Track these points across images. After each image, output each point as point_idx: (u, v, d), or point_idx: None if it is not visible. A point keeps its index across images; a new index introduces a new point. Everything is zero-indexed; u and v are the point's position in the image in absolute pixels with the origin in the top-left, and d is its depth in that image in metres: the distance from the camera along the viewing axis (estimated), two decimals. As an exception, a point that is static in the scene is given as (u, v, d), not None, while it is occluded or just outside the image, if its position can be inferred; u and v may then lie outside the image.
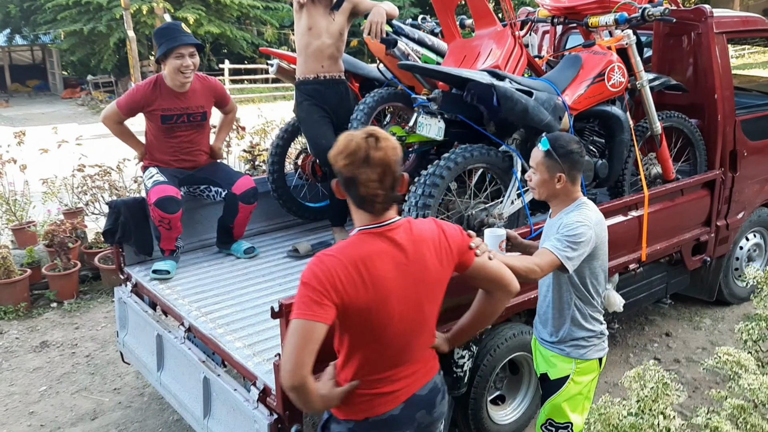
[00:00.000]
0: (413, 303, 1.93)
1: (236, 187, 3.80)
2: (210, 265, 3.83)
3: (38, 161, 5.98)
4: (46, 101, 25.59)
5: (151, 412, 3.76)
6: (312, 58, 3.83)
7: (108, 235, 3.74)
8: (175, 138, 3.86)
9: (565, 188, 2.47)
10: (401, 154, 1.87)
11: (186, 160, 3.93)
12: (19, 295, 5.02)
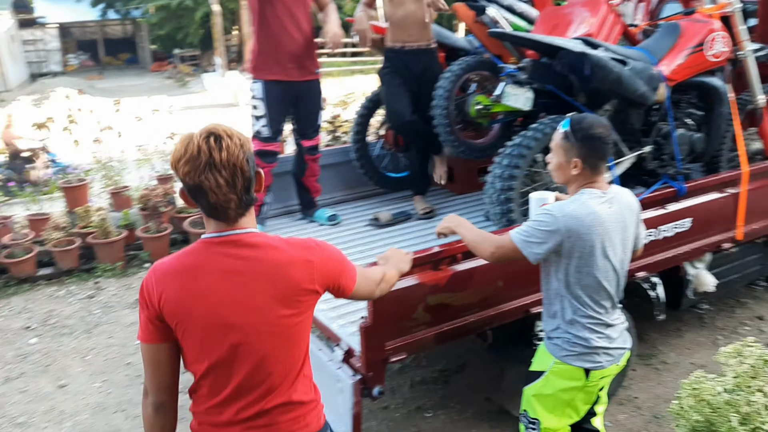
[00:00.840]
0: (251, 328, 1.61)
1: (308, 141, 3.94)
2: (294, 230, 3.94)
3: (133, 129, 6.26)
4: (135, 74, 26.69)
5: (237, 369, 3.91)
6: (398, 26, 3.83)
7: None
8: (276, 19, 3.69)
9: (583, 176, 2.20)
10: (251, 149, 1.61)
11: (291, 60, 3.74)
12: (116, 254, 5.33)
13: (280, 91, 3.77)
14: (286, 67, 3.73)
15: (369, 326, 2.48)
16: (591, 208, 2.14)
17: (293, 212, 4.17)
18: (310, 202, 4.07)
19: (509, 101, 3.34)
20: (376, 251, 3.55)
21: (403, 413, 3.43)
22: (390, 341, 2.56)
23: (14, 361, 4.09)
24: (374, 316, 2.48)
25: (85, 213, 5.47)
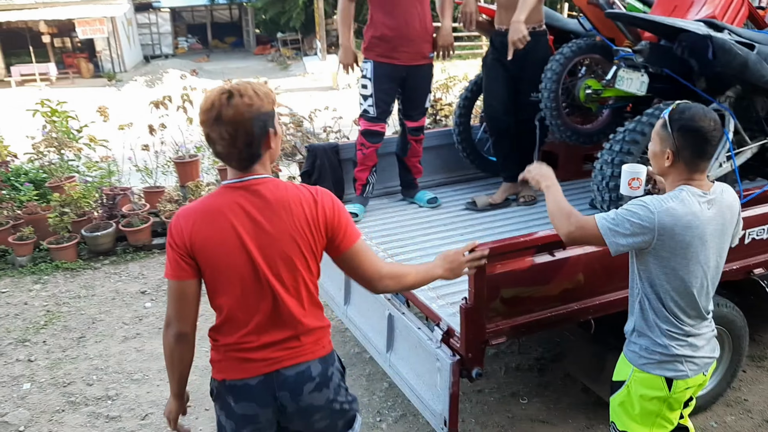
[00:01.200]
0: (271, 261, 1.80)
1: (412, 122, 3.98)
2: (394, 211, 4.00)
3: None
4: (240, 57, 27.67)
5: (335, 343, 4.00)
6: (506, 8, 3.77)
7: (305, 176, 4.02)
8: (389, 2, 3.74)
9: (677, 170, 2.03)
10: (263, 109, 1.73)
11: (402, 44, 3.77)
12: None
13: (388, 73, 3.83)
14: (395, 50, 3.78)
15: (470, 308, 2.49)
16: (690, 208, 1.98)
17: (393, 193, 4.22)
18: (411, 183, 4.11)
19: (622, 85, 3.24)
20: (473, 236, 3.55)
21: (497, 398, 3.43)
22: (491, 324, 2.57)
23: (131, 322, 4.39)
24: (476, 298, 2.48)
25: (196, 187, 5.77)
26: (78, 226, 5.40)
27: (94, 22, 21.36)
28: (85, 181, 6.07)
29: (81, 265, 5.28)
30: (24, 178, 6.02)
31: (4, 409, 3.50)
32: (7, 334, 4.29)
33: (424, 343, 2.76)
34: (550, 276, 2.66)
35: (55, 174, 6.14)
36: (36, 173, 6.13)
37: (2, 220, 5.46)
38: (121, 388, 3.65)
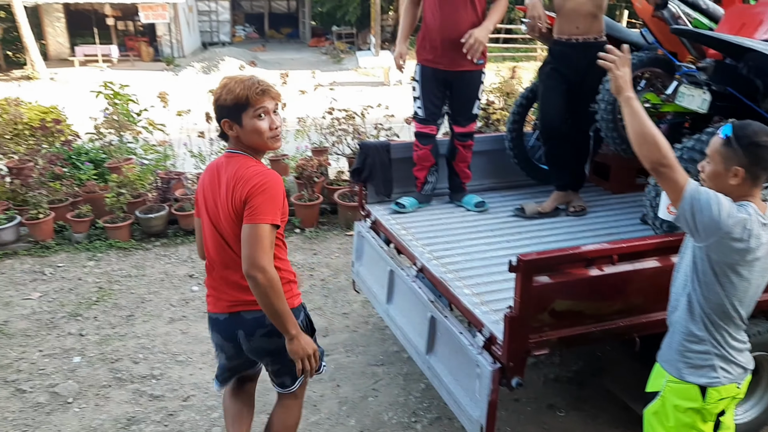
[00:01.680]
0: (215, 217, 2.32)
1: (460, 128, 3.98)
2: (442, 213, 4.01)
3: (295, 101, 6.59)
4: (294, 48, 27.94)
5: (374, 340, 4.08)
6: (567, 18, 3.73)
7: (355, 174, 4.06)
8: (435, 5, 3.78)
9: (742, 187, 2.01)
10: (220, 102, 2.27)
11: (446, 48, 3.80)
12: (270, 218, 5.68)
13: (432, 77, 3.91)
14: (439, 54, 3.83)
15: (515, 317, 2.49)
16: (756, 224, 1.96)
17: (442, 195, 4.23)
18: (458, 187, 4.12)
19: (683, 101, 3.18)
20: (519, 243, 3.54)
21: (534, 408, 3.42)
22: (534, 334, 2.56)
23: (178, 304, 4.52)
24: (521, 308, 2.48)
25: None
26: (133, 207, 5.57)
27: (157, 8, 21.86)
28: (141, 164, 6.26)
29: (133, 245, 5.45)
30: (84, 157, 6.24)
31: (55, 380, 3.65)
32: (61, 307, 4.47)
33: (465, 348, 2.77)
34: (597, 291, 2.64)
35: (113, 155, 6.34)
36: (96, 153, 6.34)
37: (62, 196, 5.68)
38: (165, 368, 3.77)
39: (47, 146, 6.36)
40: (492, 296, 2.98)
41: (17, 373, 3.72)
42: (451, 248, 3.50)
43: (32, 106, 6.84)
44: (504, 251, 3.45)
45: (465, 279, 3.14)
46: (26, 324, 4.25)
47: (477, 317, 2.83)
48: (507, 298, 2.82)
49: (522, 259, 2.45)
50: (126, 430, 3.25)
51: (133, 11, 23.07)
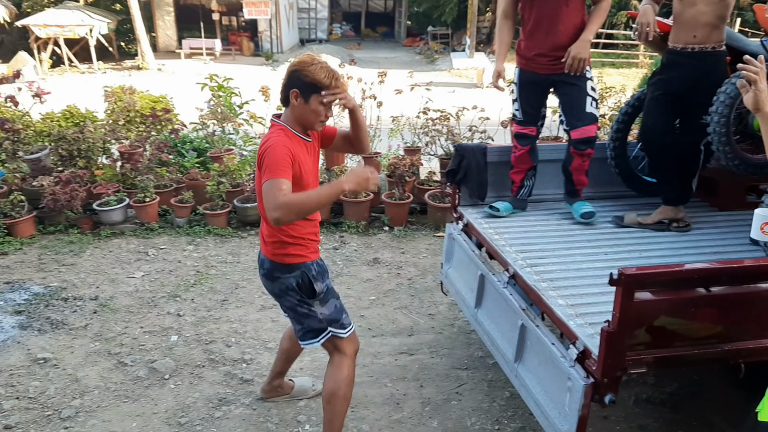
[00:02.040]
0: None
1: (575, 131, 3.83)
2: (537, 220, 3.93)
3: (391, 100, 6.65)
4: (389, 47, 28.19)
5: (459, 343, 4.06)
6: (684, 26, 3.56)
7: (450, 175, 4.05)
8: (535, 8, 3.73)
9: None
10: (302, 72, 2.54)
11: (547, 52, 3.74)
12: (361, 214, 5.77)
13: (530, 80, 3.87)
14: (538, 57, 3.77)
15: (612, 332, 2.41)
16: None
17: (539, 201, 4.14)
18: (572, 191, 4.00)
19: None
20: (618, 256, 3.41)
21: (623, 428, 3.30)
22: (632, 352, 2.47)
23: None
24: (620, 323, 2.40)
25: (341, 172, 5.99)
26: (231, 196, 5.79)
27: (260, 4, 22.60)
28: (241, 155, 6.49)
29: (230, 232, 5.67)
30: (189, 146, 6.54)
31: (153, 356, 3.85)
32: (162, 287, 4.70)
33: (557, 360, 2.71)
34: (702, 312, 2.51)
35: (215, 145, 6.61)
36: (199, 142, 6.64)
37: (167, 182, 5.98)
38: (255, 354, 3.89)
39: (155, 134, 6.71)
40: (587, 309, 2.89)
41: (120, 346, 3.95)
42: (546, 256, 3.43)
43: (144, 95, 7.24)
44: (601, 263, 3.35)
45: (559, 289, 3.07)
46: (129, 301, 4.50)
47: (571, 329, 2.76)
48: (604, 312, 2.73)
49: (624, 273, 2.37)
50: (217, 409, 3.39)
51: (238, 7, 23.95)
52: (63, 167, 6.15)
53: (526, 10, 3.79)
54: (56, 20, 20.72)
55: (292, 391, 3.48)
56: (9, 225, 5.45)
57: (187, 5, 24.97)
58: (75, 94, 11.42)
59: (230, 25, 26.12)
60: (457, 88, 17.24)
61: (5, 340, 3.99)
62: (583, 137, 3.81)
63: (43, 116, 6.81)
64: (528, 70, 3.86)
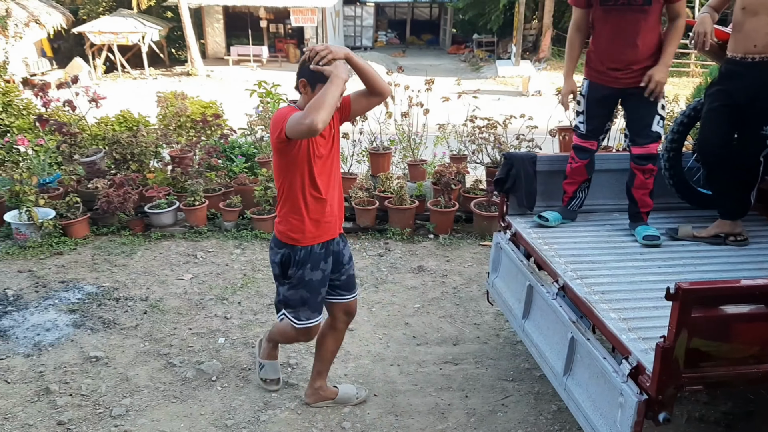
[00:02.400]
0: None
1: (637, 148, 3.72)
2: (587, 231, 3.86)
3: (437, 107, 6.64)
4: (434, 54, 28.21)
5: (505, 354, 4.01)
6: (744, 36, 3.45)
7: (498, 184, 4.01)
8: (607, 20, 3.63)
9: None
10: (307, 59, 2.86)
11: (618, 65, 3.64)
12: (406, 221, 5.77)
13: (599, 94, 3.76)
14: (610, 70, 3.67)
15: (668, 348, 2.35)
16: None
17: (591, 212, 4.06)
18: (634, 214, 3.82)
19: None
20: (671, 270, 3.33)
21: (676, 446, 3.21)
22: (688, 369, 2.40)
23: (315, 298, 4.68)
24: (676, 339, 2.34)
25: (386, 179, 6.00)
26: (278, 201, 5.85)
27: (307, 11, 22.88)
28: (288, 161, 6.54)
29: (276, 237, 5.72)
30: (237, 151, 6.65)
31: (201, 358, 3.91)
32: (210, 290, 4.78)
33: (609, 374, 2.65)
34: (762, 328, 2.42)
35: (263, 150, 6.69)
36: (248, 148, 6.74)
37: (216, 186, 6.08)
38: (300, 359, 3.92)
39: (205, 138, 6.84)
40: (641, 323, 2.82)
41: (169, 347, 4.02)
42: (597, 268, 3.36)
43: (194, 100, 7.39)
44: (654, 276, 3.27)
45: (611, 302, 3.00)
46: (179, 302, 4.59)
47: (624, 344, 2.69)
48: (658, 326, 2.68)
49: (681, 288, 2.30)
50: (262, 413, 3.42)
51: (285, 15, 24.30)
52: (116, 170, 6.32)
53: (600, 23, 3.68)
54: (110, 27, 21.38)
55: (335, 397, 3.49)
56: (65, 226, 5.62)
57: (236, 13, 25.44)
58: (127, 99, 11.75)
59: (277, 33, 26.50)
60: (502, 96, 17.13)
61: (60, 338, 4.11)
62: (644, 153, 3.71)
63: (98, 120, 7.02)
64: (599, 83, 3.74)
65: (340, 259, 3.21)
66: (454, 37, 30.50)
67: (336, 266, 3.20)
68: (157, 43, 23.28)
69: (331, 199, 3.05)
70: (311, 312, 3.15)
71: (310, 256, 3.03)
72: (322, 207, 3.00)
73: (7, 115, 7.73)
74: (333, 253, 3.16)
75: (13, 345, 4.02)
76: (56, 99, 6.68)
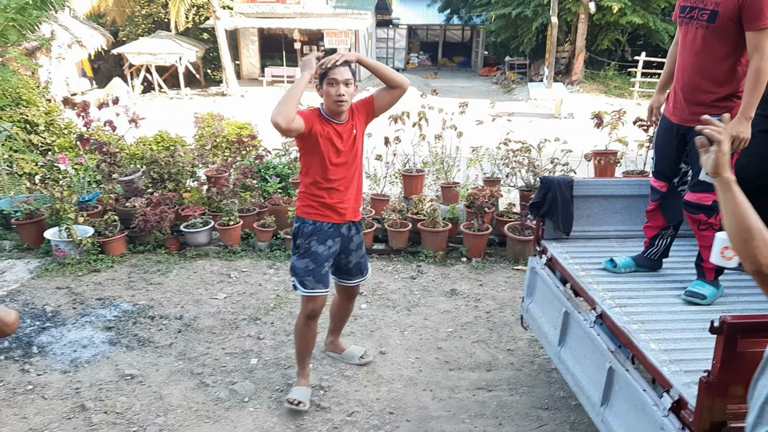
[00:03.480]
0: None
1: (691, 194, 3.36)
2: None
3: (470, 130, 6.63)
4: (465, 76, 28.28)
5: (539, 381, 3.95)
6: None
7: (534, 208, 3.98)
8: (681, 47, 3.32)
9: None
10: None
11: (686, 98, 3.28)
12: (439, 244, 5.74)
13: (668, 128, 3.46)
14: (678, 105, 3.36)
15: (712, 383, 2.28)
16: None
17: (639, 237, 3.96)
18: (697, 266, 3.43)
19: None
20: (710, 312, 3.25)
21: (718, 482, 3.10)
22: (733, 404, 2.33)
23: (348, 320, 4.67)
24: (721, 374, 2.27)
25: (419, 201, 6.00)
26: (311, 222, 5.88)
27: (341, 34, 23.20)
28: (321, 182, 6.59)
29: (308, 258, 5.75)
30: (272, 171, 6.72)
31: (234, 378, 3.92)
32: (243, 310, 4.81)
33: (649, 407, 2.58)
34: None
35: (297, 171, 6.75)
36: (282, 168, 6.80)
37: (250, 206, 6.15)
38: (332, 381, 3.90)
39: (241, 159, 6.93)
40: (682, 355, 2.75)
41: (202, 366, 4.04)
42: (636, 297, 3.30)
43: (230, 121, 7.50)
44: (696, 306, 3.20)
45: (651, 332, 2.94)
46: (212, 322, 4.62)
47: (665, 376, 2.63)
48: (700, 359, 2.61)
49: (726, 321, 2.25)
50: (294, 435, 3.41)
51: (319, 36, 24.64)
52: (153, 189, 6.43)
53: (682, 47, 3.30)
54: (149, 48, 21.93)
55: (342, 353, 4.09)
56: (102, 243, 5.72)
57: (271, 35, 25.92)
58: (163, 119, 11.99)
59: (311, 54, 26.90)
60: (534, 118, 17.06)
61: (96, 355, 4.17)
62: (696, 202, 3.34)
63: (137, 140, 7.17)
64: (670, 117, 3.43)
65: (348, 244, 3.59)
66: (486, 59, 30.57)
67: (344, 249, 3.58)
68: (193, 63, 23.78)
69: (346, 190, 3.42)
70: (316, 282, 3.48)
71: (317, 230, 3.43)
72: (334, 195, 3.40)
73: (49, 134, 7.96)
74: (342, 235, 3.53)
75: (51, 361, 4.09)
76: (97, 119, 6.84)
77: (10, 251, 5.94)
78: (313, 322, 3.60)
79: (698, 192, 3.29)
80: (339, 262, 3.64)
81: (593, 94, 21.77)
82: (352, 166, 3.43)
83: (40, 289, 5.12)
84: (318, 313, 3.58)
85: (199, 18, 23.60)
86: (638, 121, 5.94)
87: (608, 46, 23.92)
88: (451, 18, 29.89)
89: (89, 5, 21.36)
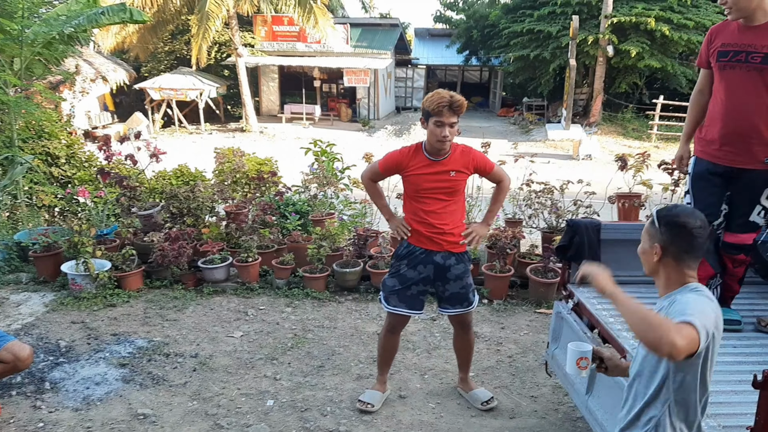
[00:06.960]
0: None
1: (730, 236, 3.36)
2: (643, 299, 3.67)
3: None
4: (483, 117, 28.40)
5: (564, 430, 3.80)
6: None
7: (560, 251, 3.89)
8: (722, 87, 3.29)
9: (666, 266, 2.06)
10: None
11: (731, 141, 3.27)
12: (459, 285, 5.63)
13: (708, 171, 3.39)
14: (718, 147, 3.32)
15: (758, 439, 2.16)
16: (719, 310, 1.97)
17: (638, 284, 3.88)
18: (721, 299, 3.44)
19: None
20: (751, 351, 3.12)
21: None
22: (778, 462, 2.20)
23: (366, 361, 4.56)
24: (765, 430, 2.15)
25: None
26: (331, 260, 5.81)
27: (360, 72, 23.46)
28: (341, 219, 6.55)
29: (327, 296, 5.66)
30: (291, 208, 6.68)
31: (249, 420, 3.81)
32: (260, 349, 4.71)
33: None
34: None
35: (317, 208, 6.72)
36: (302, 205, 6.77)
37: (269, 243, 6.09)
38: (351, 425, 3.78)
39: (260, 195, 6.91)
40: (719, 409, 2.63)
41: (217, 407, 3.94)
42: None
43: (251, 157, 7.51)
44: (731, 357, 3.08)
45: (686, 383, 2.81)
46: (228, 361, 4.53)
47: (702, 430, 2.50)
48: (738, 414, 2.51)
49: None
50: (311, 483, 3.28)
51: (338, 75, 24.95)
52: (172, 224, 6.41)
53: (716, 85, 3.33)
54: (171, 84, 22.29)
55: (468, 393, 4.07)
56: (119, 278, 5.68)
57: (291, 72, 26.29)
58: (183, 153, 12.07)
59: (330, 92, 27.20)
60: (552, 159, 17.02)
61: (109, 392, 4.08)
62: (737, 243, 3.35)
63: (156, 174, 7.19)
64: (706, 159, 3.39)
65: (445, 273, 3.71)
66: (504, 99, 30.73)
67: (439, 277, 3.72)
68: (213, 99, 24.11)
69: (438, 221, 3.61)
70: (398, 301, 3.74)
71: (410, 254, 3.69)
72: (426, 224, 3.62)
73: (70, 167, 8.01)
74: (435, 263, 3.69)
75: (63, 398, 4.01)
76: (118, 153, 6.88)
77: (26, 284, 5.91)
78: (393, 336, 3.93)
79: (742, 232, 3.34)
80: (436, 289, 3.81)
81: (611, 136, 21.72)
82: (447, 200, 3.62)
83: (54, 323, 5.06)
84: (398, 329, 3.91)
85: (221, 55, 24.01)
86: (663, 164, 5.86)
87: (626, 89, 23.95)
88: (470, 59, 30.16)
89: (114, 41, 21.81)
